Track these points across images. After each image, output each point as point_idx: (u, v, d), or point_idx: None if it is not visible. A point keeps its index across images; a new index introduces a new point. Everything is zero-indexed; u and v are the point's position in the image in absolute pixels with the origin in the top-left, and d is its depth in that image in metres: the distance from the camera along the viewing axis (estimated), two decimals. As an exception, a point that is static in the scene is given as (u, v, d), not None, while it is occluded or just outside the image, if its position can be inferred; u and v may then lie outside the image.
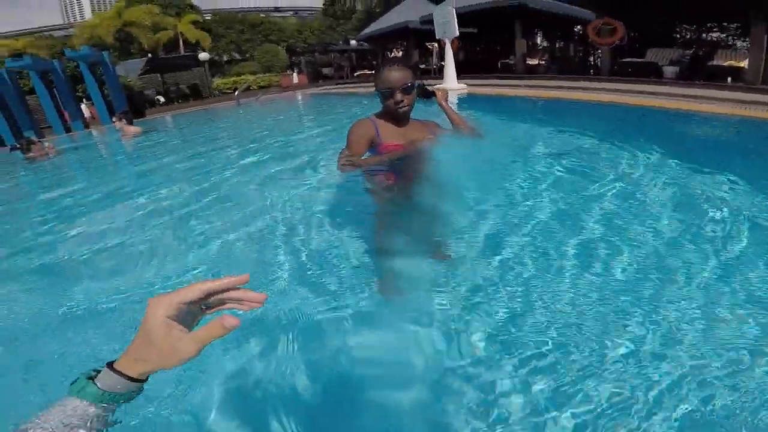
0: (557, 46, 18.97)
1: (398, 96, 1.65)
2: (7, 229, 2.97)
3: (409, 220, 1.65)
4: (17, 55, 20.15)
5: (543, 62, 14.41)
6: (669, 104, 4.89)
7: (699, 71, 9.38)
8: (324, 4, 36.42)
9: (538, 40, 19.82)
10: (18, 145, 6.55)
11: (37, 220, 3.00)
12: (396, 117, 1.74)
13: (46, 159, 6.35)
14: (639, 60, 11.64)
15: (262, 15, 41.90)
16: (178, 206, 2.70)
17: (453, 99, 6.77)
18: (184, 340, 0.47)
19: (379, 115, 1.75)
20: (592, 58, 14.50)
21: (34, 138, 7.12)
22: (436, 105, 1.87)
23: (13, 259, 2.22)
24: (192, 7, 29.19)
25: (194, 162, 4.46)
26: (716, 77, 8.50)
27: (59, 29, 52.84)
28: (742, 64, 8.89)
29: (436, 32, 9.60)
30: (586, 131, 3.53)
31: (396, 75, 1.67)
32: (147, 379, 0.51)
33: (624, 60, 12.96)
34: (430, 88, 1.89)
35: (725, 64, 9.63)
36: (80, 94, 15.01)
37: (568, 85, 8.03)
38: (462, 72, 14.54)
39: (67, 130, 12.53)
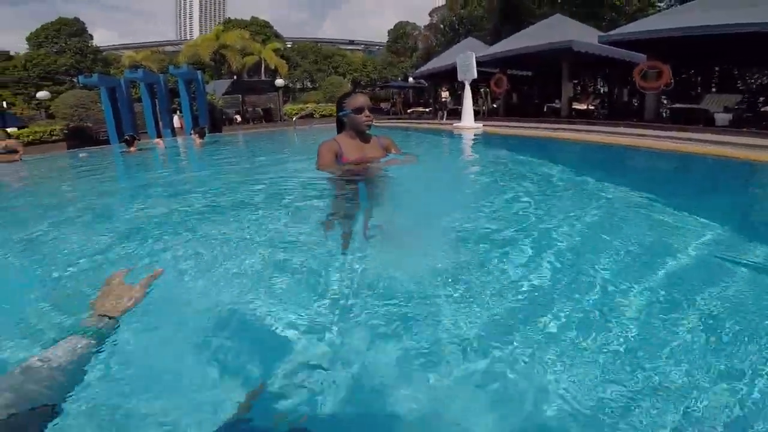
0: (604, 90, 18.43)
1: (367, 112, 2.23)
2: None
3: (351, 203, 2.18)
4: (134, 67, 24.30)
5: (592, 107, 13.92)
6: (718, 151, 4.38)
7: (755, 119, 8.99)
8: (388, 41, 38.59)
9: (589, 85, 19.68)
10: (127, 139, 8.40)
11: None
12: (361, 131, 2.29)
13: (140, 153, 8.35)
14: (688, 106, 11.36)
15: (336, 47, 45.54)
16: (202, 189, 3.78)
17: (469, 136, 7.59)
18: (136, 289, 0.83)
19: (341, 136, 2.33)
20: (639, 103, 13.73)
21: (136, 137, 9.31)
22: None
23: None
24: (276, 35, 32.60)
25: (229, 166, 5.94)
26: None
27: (171, 44, 61.16)
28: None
29: (458, 75, 10.20)
30: (556, 165, 3.66)
31: (364, 98, 2.29)
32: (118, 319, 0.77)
33: (673, 106, 12.67)
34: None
35: None
36: (175, 106, 17.42)
37: (598, 129, 7.97)
38: (510, 115, 14.97)
39: (158, 136, 14.45)
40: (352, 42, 69.29)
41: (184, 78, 15.33)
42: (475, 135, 7.69)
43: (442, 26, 33.33)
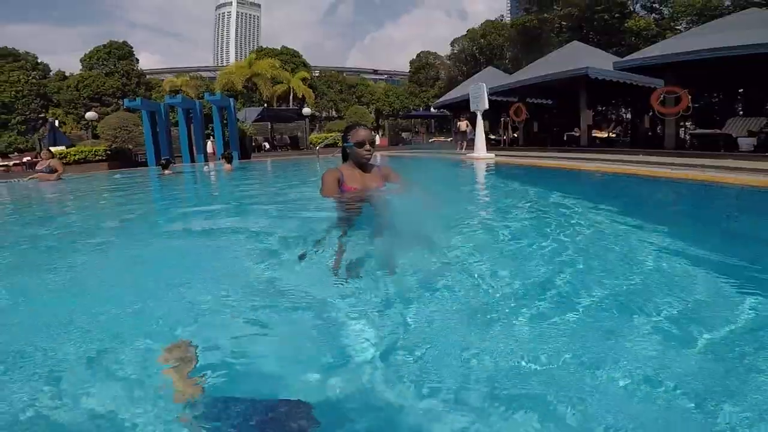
0: (627, 117, 18.28)
1: (367, 146, 2.39)
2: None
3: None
4: (174, 92, 25.95)
5: (613, 134, 13.93)
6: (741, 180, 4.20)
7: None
8: (410, 71, 39.37)
9: (609, 112, 19.51)
10: (163, 162, 9.07)
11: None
12: (362, 163, 2.43)
13: (174, 176, 9.06)
14: (710, 131, 10.99)
15: (360, 76, 46.98)
16: (225, 209, 4.28)
17: (480, 167, 7.74)
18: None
19: (344, 166, 2.49)
20: (660, 130, 13.39)
21: (172, 160, 10.08)
22: None
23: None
24: (305, 65, 33.87)
25: (254, 190, 6.45)
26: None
27: (208, 70, 64.71)
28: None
29: (470, 106, 10.29)
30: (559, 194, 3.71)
31: (366, 132, 2.42)
32: None
33: (694, 132, 12.31)
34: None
35: None
36: (208, 132, 18.26)
37: (615, 158, 7.89)
38: (530, 144, 15.11)
39: (192, 160, 15.52)
40: (375, 71, 71.38)
41: (218, 105, 16.17)
42: (487, 165, 7.86)
43: (463, 56, 34.22)
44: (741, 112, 14.72)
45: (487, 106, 9.88)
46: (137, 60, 31.28)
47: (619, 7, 23.13)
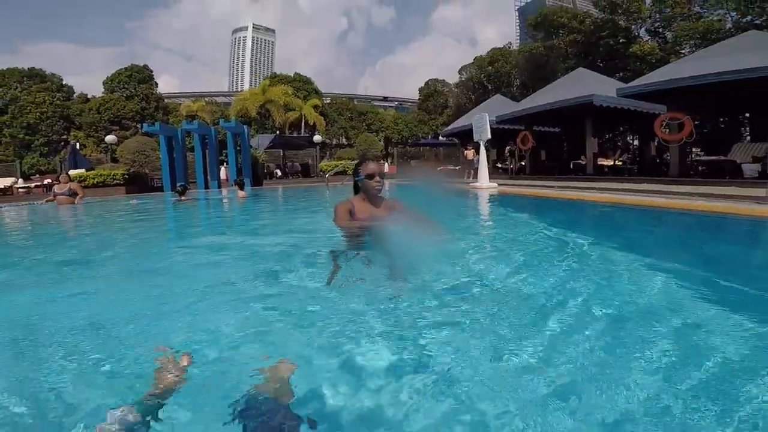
0: (634, 144, 18.19)
1: (377, 178, 2.56)
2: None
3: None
4: (191, 117, 26.79)
5: (619, 162, 13.77)
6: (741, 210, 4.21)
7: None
8: (419, 99, 40.25)
9: (614, 140, 19.46)
10: (179, 189, 9.28)
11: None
12: (372, 195, 2.61)
13: (189, 202, 9.32)
14: (715, 158, 10.97)
15: (370, 103, 47.91)
16: (241, 234, 4.37)
17: (483, 196, 7.93)
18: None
19: (356, 198, 2.70)
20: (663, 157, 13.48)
21: (187, 186, 10.38)
22: None
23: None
24: (317, 92, 34.69)
25: (267, 217, 6.67)
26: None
27: (223, 95, 66.82)
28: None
29: (474, 135, 10.45)
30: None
31: (375, 165, 2.60)
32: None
33: (699, 158, 12.19)
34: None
35: None
36: (222, 158, 18.83)
37: (617, 187, 7.96)
38: (537, 173, 15.13)
39: (206, 186, 15.88)
40: (386, 98, 72.68)
41: (233, 131, 16.59)
42: (490, 195, 7.99)
43: (471, 83, 34.83)
44: (748, 137, 14.72)
45: (489, 136, 10.10)
46: (156, 84, 32.45)
47: (623, 32, 23.55)
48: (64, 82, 31.84)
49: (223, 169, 18.04)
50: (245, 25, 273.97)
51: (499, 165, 18.69)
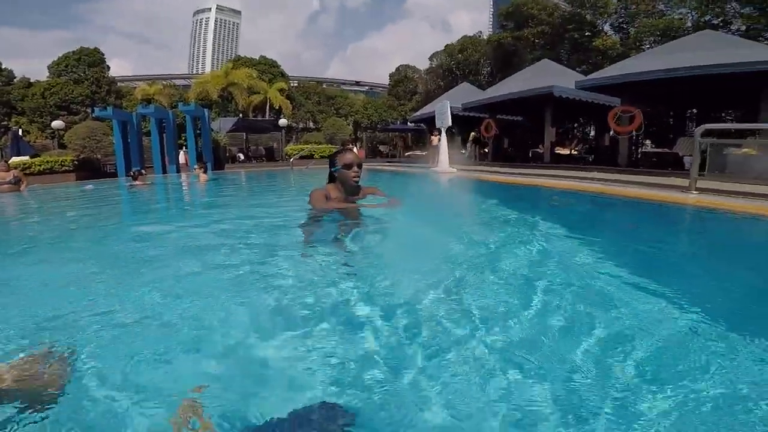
0: (588, 135, 19.01)
1: (355, 168, 2.60)
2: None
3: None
4: (147, 101, 25.43)
5: (575, 152, 14.40)
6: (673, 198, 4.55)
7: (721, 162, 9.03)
8: (389, 84, 40.12)
9: (571, 130, 20.27)
10: (131, 174, 8.98)
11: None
12: (350, 185, 2.64)
13: (145, 187, 8.89)
14: (659, 150, 11.48)
15: (341, 88, 47.22)
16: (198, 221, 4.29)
17: (449, 181, 8.16)
18: None
19: (332, 186, 2.75)
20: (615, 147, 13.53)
21: (143, 171, 9.91)
22: None
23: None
24: (283, 75, 33.85)
25: (229, 201, 6.50)
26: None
27: (182, 78, 63.75)
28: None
29: (436, 122, 10.56)
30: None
31: (353, 155, 2.64)
32: None
33: (645, 150, 12.86)
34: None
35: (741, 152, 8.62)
36: (181, 142, 18.12)
37: (567, 174, 8.21)
38: (499, 160, 15.48)
39: (164, 171, 15.29)
40: (357, 83, 72.08)
41: (192, 115, 16.03)
42: (447, 179, 8.29)
43: (440, 70, 34.98)
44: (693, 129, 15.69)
45: (450, 123, 10.18)
46: (108, 67, 30.54)
47: (589, 26, 24.27)
48: (3, 66, 29.37)
49: (182, 153, 17.39)
50: (208, 6, 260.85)
51: (463, 151, 19.00)
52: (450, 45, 34.52)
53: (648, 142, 18.98)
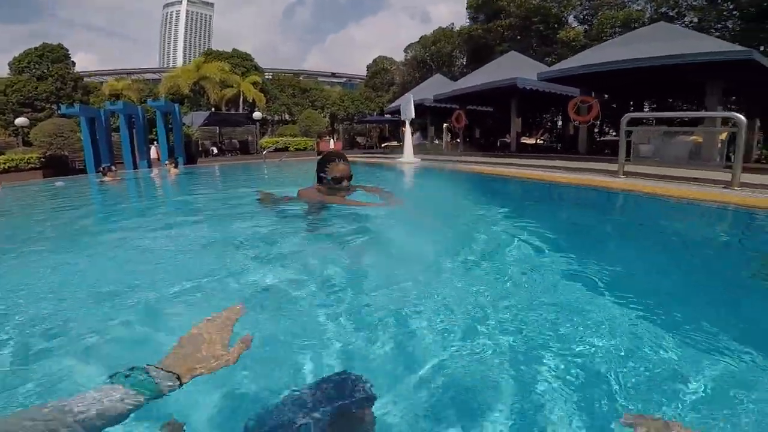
0: (555, 125, 19.61)
1: (345, 183, 2.70)
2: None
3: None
4: (115, 96, 24.80)
5: (541, 141, 14.97)
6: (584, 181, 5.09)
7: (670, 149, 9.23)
8: (367, 76, 40.17)
9: (537, 120, 20.83)
10: (101, 170, 8.99)
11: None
12: (338, 197, 2.71)
13: (114, 183, 8.92)
14: (616, 138, 12.11)
15: (318, 80, 46.78)
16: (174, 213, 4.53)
17: (409, 170, 8.54)
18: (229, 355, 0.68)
19: (320, 187, 2.81)
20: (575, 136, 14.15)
21: (112, 167, 9.90)
22: None
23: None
24: (256, 68, 33.35)
25: (201, 194, 6.69)
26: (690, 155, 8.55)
27: (152, 72, 61.84)
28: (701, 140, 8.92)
29: (401, 115, 10.83)
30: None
31: (345, 168, 2.68)
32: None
33: (602, 139, 13.45)
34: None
35: (690, 139, 9.34)
36: (152, 137, 17.86)
37: (527, 163, 8.64)
38: (469, 150, 15.95)
39: (135, 166, 15.09)
40: (334, 75, 71.34)
41: (162, 110, 15.86)
42: (414, 169, 8.67)
43: (416, 62, 35.16)
44: (653, 122, 16.50)
45: (413, 115, 10.47)
46: (73, 63, 29.51)
47: (554, 19, 24.86)
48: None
49: (153, 148, 17.18)
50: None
51: (437, 141, 19.38)
52: (425, 36, 34.70)
53: (612, 131, 19.74)
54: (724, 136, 12.03)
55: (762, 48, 15.68)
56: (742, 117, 4.77)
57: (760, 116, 14.22)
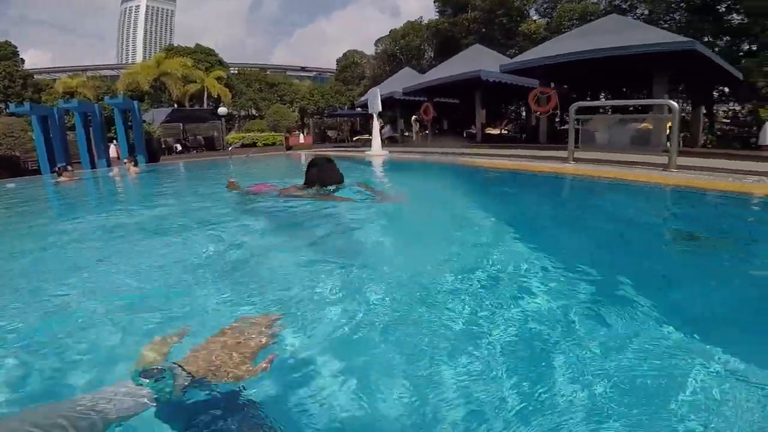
0: (520, 116, 20.09)
1: (333, 186, 2.88)
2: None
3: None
4: (69, 94, 23.65)
5: (505, 131, 15.33)
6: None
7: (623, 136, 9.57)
8: (337, 69, 40.01)
9: (501, 111, 21.32)
10: (56, 170, 8.68)
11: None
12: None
13: (70, 183, 8.60)
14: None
15: (286, 74, 46.03)
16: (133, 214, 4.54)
17: (378, 162, 8.67)
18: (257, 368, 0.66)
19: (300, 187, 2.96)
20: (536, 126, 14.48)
21: (68, 167, 9.52)
22: None
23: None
24: (221, 63, 32.59)
25: (160, 190, 6.61)
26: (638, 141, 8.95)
27: (110, 69, 59.13)
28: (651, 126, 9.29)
29: (368, 108, 10.92)
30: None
31: (339, 175, 2.90)
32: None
33: (561, 128, 13.94)
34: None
35: (641, 126, 9.73)
36: (111, 135, 17.18)
37: (487, 152, 8.94)
38: (437, 141, 16.18)
39: (93, 165, 14.52)
40: (303, 69, 70.38)
41: (121, 108, 15.33)
42: (383, 161, 8.82)
43: (386, 56, 35.20)
44: (610, 111, 17.24)
45: (380, 109, 10.60)
46: (22, 60, 27.95)
47: (517, 12, 25.41)
48: None
49: (113, 146, 16.60)
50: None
51: (407, 133, 19.58)
52: (394, 30, 34.77)
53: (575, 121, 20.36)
54: (671, 122, 12.89)
55: (707, 39, 16.61)
56: (674, 104, 5.13)
57: (705, 104, 15.23)
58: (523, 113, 20.99)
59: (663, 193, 3.85)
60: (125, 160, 10.92)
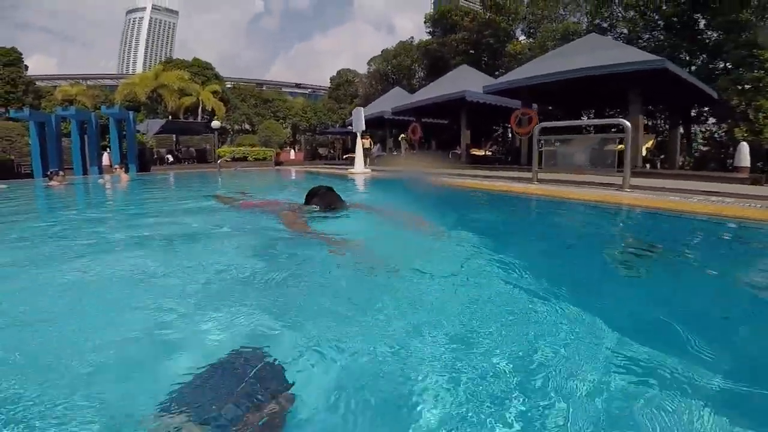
0: (504, 137, 20.37)
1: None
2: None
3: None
4: (67, 102, 24.01)
5: (489, 152, 15.55)
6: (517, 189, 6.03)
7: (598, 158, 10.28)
8: (330, 87, 40.85)
9: (486, 132, 21.54)
10: (48, 175, 9.08)
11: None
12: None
13: (61, 187, 8.81)
14: (553, 149, 12.84)
15: (281, 90, 46.65)
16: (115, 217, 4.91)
17: (360, 180, 8.99)
18: None
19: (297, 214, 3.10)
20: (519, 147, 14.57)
21: (60, 172, 9.77)
22: None
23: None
24: (217, 77, 33.09)
25: (149, 197, 6.89)
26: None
27: (110, 78, 59.77)
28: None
29: (353, 127, 11.21)
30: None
31: (338, 200, 3.09)
32: None
33: (541, 149, 14.15)
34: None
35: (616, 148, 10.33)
36: (105, 143, 17.38)
37: (468, 173, 9.37)
38: (416, 160, 16.48)
39: (84, 172, 14.83)
40: (298, 85, 71.30)
41: (116, 117, 15.71)
42: (364, 179, 9.16)
43: (378, 74, 36.02)
44: (592, 131, 17.64)
45: (364, 128, 10.91)
46: (26, 67, 28.42)
47: (504, 32, 26.14)
48: None
49: (105, 155, 16.85)
50: (143, 6, 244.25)
51: (395, 153, 19.90)
52: (386, 50, 35.70)
53: (556, 141, 20.79)
54: (650, 143, 13.20)
55: (686, 57, 16.96)
56: (627, 123, 5.55)
57: (684, 124, 15.56)
58: (510, 134, 21.49)
59: (613, 211, 4.18)
60: (116, 166, 11.21)
